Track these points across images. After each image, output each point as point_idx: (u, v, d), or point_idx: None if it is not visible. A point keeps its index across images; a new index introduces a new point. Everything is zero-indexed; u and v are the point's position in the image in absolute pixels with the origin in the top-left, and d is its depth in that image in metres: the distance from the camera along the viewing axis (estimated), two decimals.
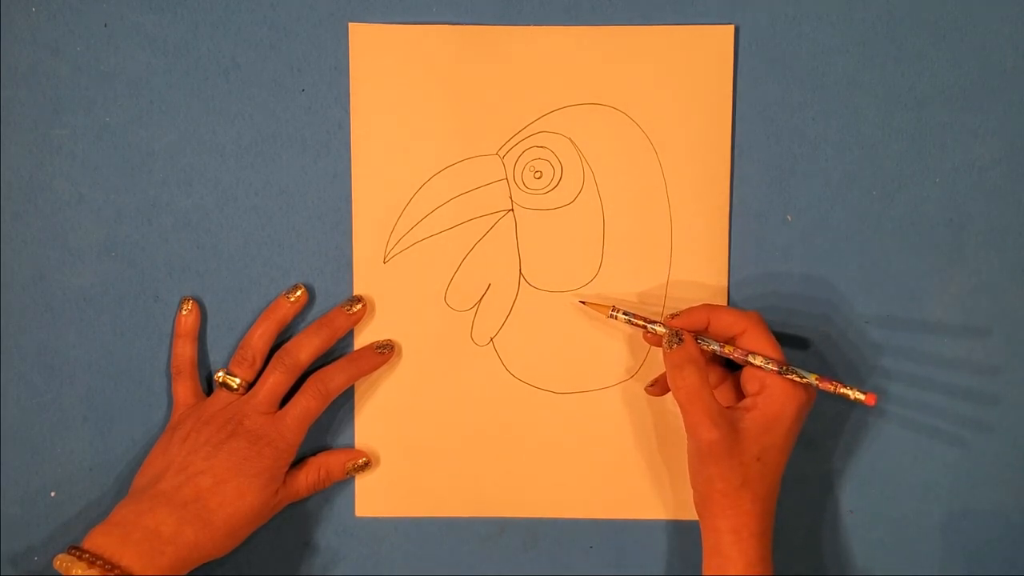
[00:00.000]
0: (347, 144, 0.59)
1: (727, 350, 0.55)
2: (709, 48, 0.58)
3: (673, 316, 0.55)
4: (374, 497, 0.60)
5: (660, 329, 0.56)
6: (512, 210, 0.59)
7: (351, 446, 0.60)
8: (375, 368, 0.59)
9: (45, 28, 0.58)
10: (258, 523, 0.56)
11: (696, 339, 0.55)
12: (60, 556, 0.51)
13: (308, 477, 0.58)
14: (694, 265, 0.59)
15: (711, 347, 0.55)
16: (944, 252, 0.59)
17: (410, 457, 0.60)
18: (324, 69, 0.58)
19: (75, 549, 0.51)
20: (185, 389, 0.58)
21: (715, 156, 0.59)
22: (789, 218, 0.59)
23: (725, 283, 0.59)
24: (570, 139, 0.59)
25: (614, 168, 0.59)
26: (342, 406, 0.59)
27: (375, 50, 0.58)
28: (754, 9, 0.58)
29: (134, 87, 0.58)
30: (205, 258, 0.59)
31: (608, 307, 0.57)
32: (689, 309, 0.56)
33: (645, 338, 0.57)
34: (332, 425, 0.60)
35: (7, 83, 0.58)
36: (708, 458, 0.52)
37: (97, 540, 0.51)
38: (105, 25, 0.58)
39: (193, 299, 0.59)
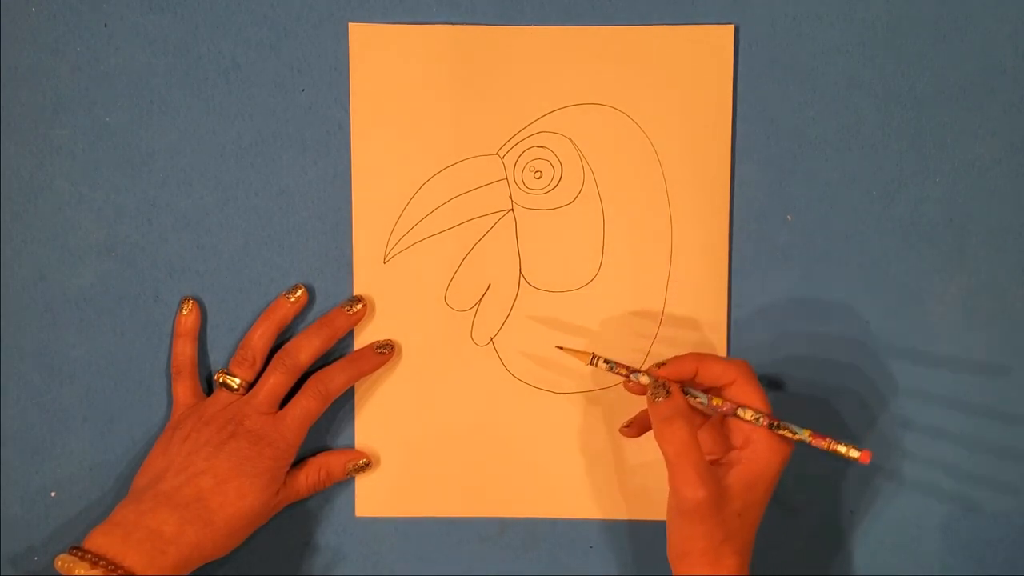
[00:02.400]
0: (347, 144, 0.59)
1: (716, 403, 0.52)
2: (709, 48, 0.58)
3: (659, 365, 0.53)
4: (374, 497, 0.60)
5: (644, 379, 0.53)
6: (512, 210, 0.59)
7: (351, 446, 0.60)
8: (375, 368, 0.59)
9: (45, 28, 0.58)
10: (259, 523, 0.56)
11: (683, 390, 0.53)
12: (62, 556, 0.51)
13: (309, 477, 0.58)
14: (694, 265, 0.59)
15: (698, 400, 0.53)
16: (944, 252, 0.59)
17: (410, 457, 0.60)
18: (324, 69, 0.58)
19: (77, 549, 0.51)
20: (185, 389, 0.58)
21: (715, 156, 0.59)
22: (789, 218, 0.59)
23: (725, 283, 0.59)
24: (570, 139, 0.59)
25: (614, 168, 0.59)
26: (342, 406, 0.59)
27: (375, 50, 0.58)
28: (754, 9, 0.58)
29: (134, 87, 0.58)
30: (205, 258, 0.59)
31: (588, 354, 0.55)
32: (676, 358, 0.53)
33: (626, 387, 0.55)
34: (332, 425, 0.60)
35: (7, 83, 0.58)
36: (694, 516, 0.50)
37: (98, 540, 0.51)
38: (105, 25, 0.58)
39: (193, 299, 0.59)
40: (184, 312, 0.59)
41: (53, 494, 0.59)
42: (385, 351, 0.59)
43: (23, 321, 0.59)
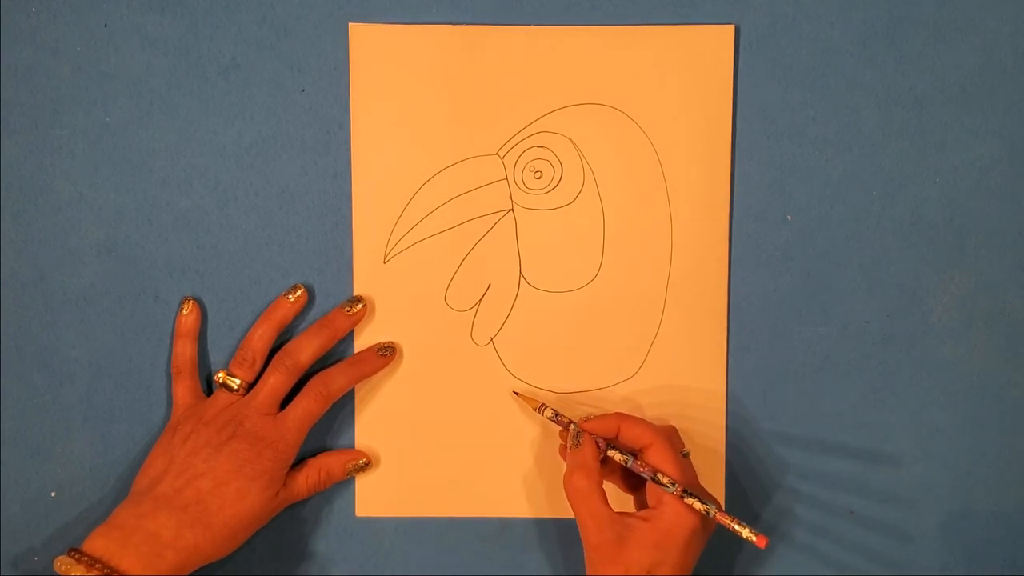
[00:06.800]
0: (347, 144, 0.59)
1: (636, 464, 0.54)
2: (709, 48, 0.58)
3: (587, 419, 0.56)
4: (374, 497, 0.60)
5: (573, 428, 0.56)
6: (512, 210, 0.59)
7: (351, 446, 0.60)
8: (377, 371, 0.59)
9: (45, 28, 0.58)
10: (258, 525, 0.55)
11: (608, 445, 0.55)
12: (60, 558, 0.51)
13: (308, 478, 0.58)
14: (694, 265, 0.59)
15: (621, 458, 0.55)
16: (944, 252, 0.59)
17: (410, 457, 0.60)
18: (324, 69, 0.58)
19: (75, 551, 0.51)
20: (185, 389, 0.58)
21: (715, 156, 0.59)
22: (789, 218, 0.59)
23: (725, 282, 0.59)
24: (570, 139, 0.59)
25: (614, 168, 0.59)
26: (343, 407, 0.59)
27: (375, 50, 0.58)
28: (754, 9, 0.58)
29: (134, 87, 0.58)
30: (205, 258, 0.59)
31: (537, 402, 0.57)
32: (602, 416, 0.56)
33: (560, 452, 0.58)
34: (333, 426, 0.60)
35: (7, 83, 0.58)
36: (595, 559, 0.52)
37: (97, 543, 0.51)
38: (105, 25, 0.58)
39: (193, 299, 0.59)
40: (184, 312, 0.59)
41: (53, 495, 0.59)
42: (387, 354, 0.59)
43: (23, 321, 0.59)
